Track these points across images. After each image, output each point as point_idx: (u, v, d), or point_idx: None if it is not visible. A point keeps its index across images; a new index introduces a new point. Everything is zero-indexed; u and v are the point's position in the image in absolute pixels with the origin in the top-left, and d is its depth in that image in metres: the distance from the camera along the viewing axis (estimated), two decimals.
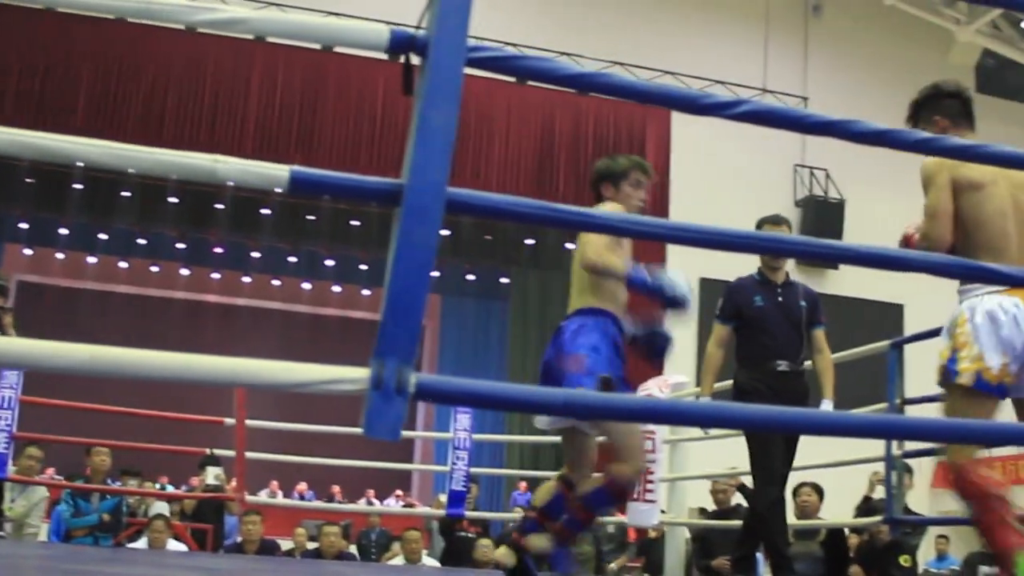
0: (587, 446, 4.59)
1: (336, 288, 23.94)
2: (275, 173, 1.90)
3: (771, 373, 5.18)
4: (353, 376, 1.80)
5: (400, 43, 1.98)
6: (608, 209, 4.26)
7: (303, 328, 24.61)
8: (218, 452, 8.78)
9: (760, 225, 5.65)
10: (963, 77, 19.96)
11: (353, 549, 11.56)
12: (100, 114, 15.14)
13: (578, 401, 2.07)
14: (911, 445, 6.09)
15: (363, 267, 21.58)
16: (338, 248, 20.85)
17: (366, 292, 23.32)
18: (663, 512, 8.01)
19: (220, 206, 18.54)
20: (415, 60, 2.02)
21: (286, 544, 10.67)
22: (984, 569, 8.08)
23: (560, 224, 2.22)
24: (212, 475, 9.29)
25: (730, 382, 7.04)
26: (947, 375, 3.65)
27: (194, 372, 1.74)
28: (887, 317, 17.09)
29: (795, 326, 5.32)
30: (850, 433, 2.34)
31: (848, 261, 3.39)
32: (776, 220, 5.73)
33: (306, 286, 24.06)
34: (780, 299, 5.47)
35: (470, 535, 9.51)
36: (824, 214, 18.08)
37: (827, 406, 5.20)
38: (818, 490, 8.04)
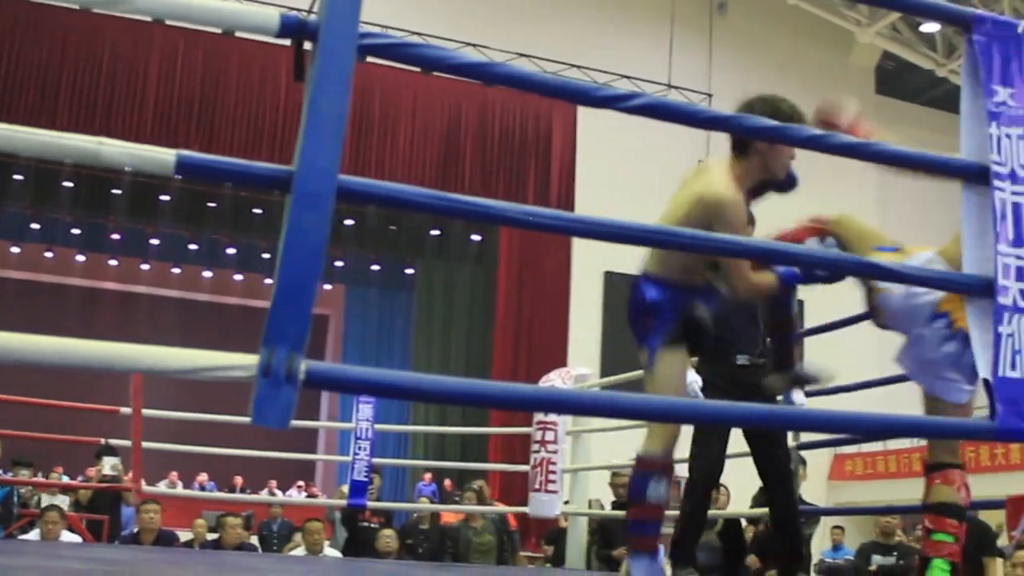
0: None
1: (238, 277, 23.70)
2: (161, 157, 1.86)
3: (729, 367, 5.16)
4: (242, 363, 1.78)
5: (291, 28, 1.96)
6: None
7: (203, 317, 24.31)
8: (115, 442, 8.63)
9: None
10: (863, 78, 20.41)
11: (254, 540, 11.45)
12: None
13: (475, 391, 2.07)
14: (806, 437, 6.18)
15: (265, 256, 21.37)
16: (240, 236, 20.65)
17: (268, 281, 23.10)
18: (566, 503, 8.05)
19: (117, 191, 18.22)
20: (308, 46, 2.01)
21: (185, 535, 10.52)
22: (877, 559, 8.24)
23: (451, 213, 2.21)
24: (108, 465, 9.11)
25: (635, 374, 7.08)
26: None
27: (79, 357, 1.70)
28: None
29: (754, 319, 5.27)
30: (737, 423, 2.37)
31: (747, 255, 3.45)
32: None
33: (207, 274, 23.78)
34: None
35: (373, 525, 9.46)
36: None
37: (798, 397, 5.18)
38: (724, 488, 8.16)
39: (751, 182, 3.94)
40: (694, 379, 4.99)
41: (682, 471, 4.95)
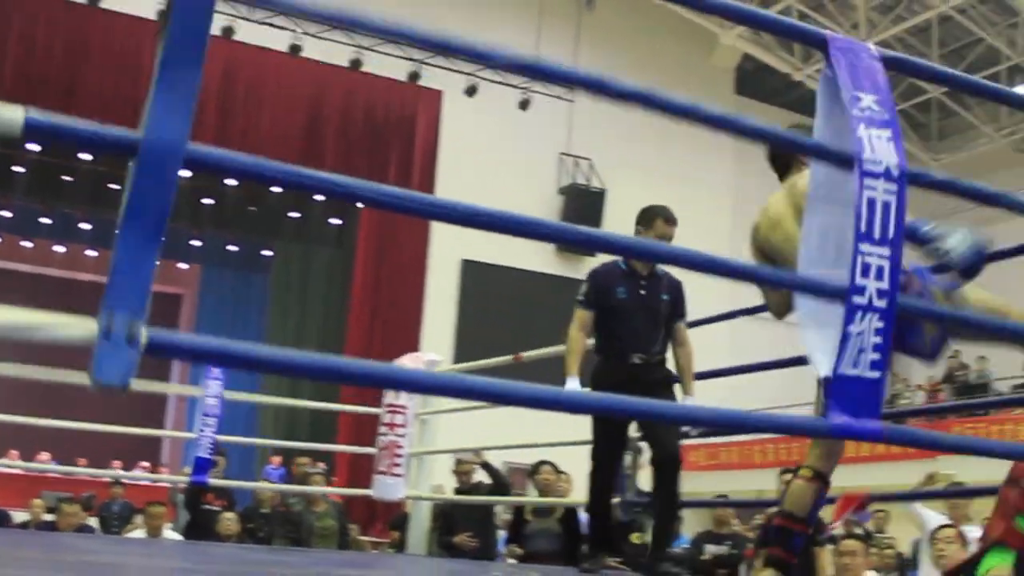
0: None
1: (91, 252, 23.09)
2: (7, 115, 1.76)
3: (624, 366, 5.23)
4: (81, 324, 1.76)
5: None
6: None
7: (54, 292, 23.56)
8: None
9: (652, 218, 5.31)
10: (723, 78, 20.90)
11: (94, 522, 11.23)
12: None
13: (299, 362, 2.08)
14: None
15: None
16: (95, 211, 20.14)
17: None
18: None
19: None
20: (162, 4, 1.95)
21: (21, 516, 10.29)
22: (710, 548, 8.47)
23: (305, 188, 2.20)
24: None
25: (488, 361, 7.22)
26: None
27: None
28: None
29: (655, 319, 5.32)
30: (565, 409, 2.44)
31: (610, 251, 3.54)
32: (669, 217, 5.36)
33: (59, 249, 23.12)
34: (643, 291, 5.27)
35: (215, 508, 9.38)
36: (585, 202, 18.57)
37: (690, 402, 5.31)
38: (557, 469, 8.27)
39: None
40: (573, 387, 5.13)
41: None
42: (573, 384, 5.16)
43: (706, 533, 8.71)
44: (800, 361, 5.21)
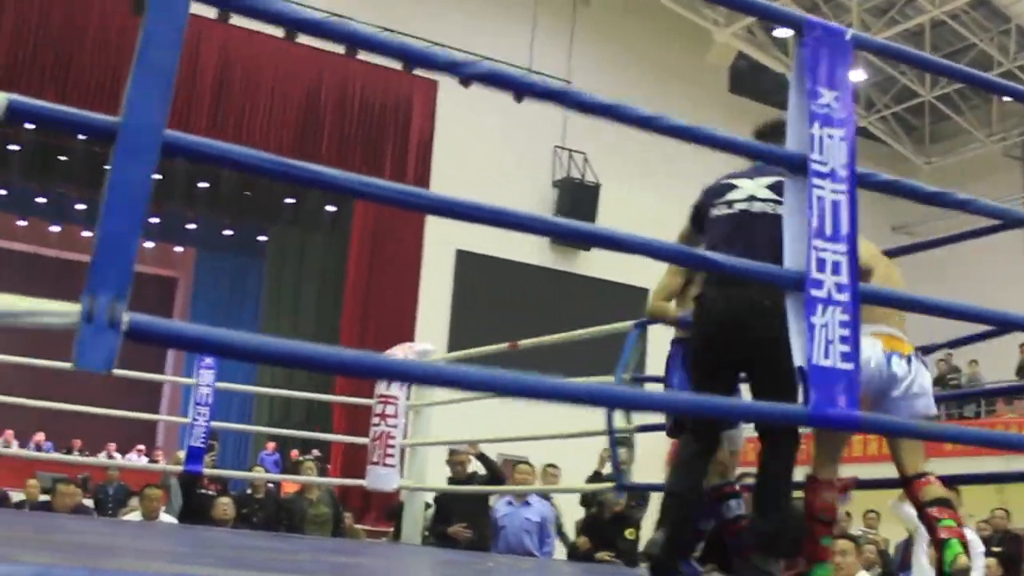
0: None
1: (87, 233, 23.07)
2: None
3: None
4: (63, 309, 1.77)
5: None
6: None
7: (50, 272, 23.56)
8: None
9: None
10: (718, 76, 20.91)
11: (89, 503, 11.28)
12: None
13: (301, 353, 2.10)
14: (639, 421, 6.37)
15: None
16: (91, 191, 20.12)
17: None
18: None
19: None
20: None
21: (17, 496, 10.31)
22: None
23: (284, 178, 2.21)
24: None
25: (481, 350, 7.19)
26: None
27: None
28: (633, 299, 17.72)
29: None
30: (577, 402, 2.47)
31: (604, 245, 3.57)
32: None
33: (54, 228, 23.12)
34: None
35: (210, 492, 9.42)
36: (580, 196, 18.58)
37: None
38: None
39: None
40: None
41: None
42: None
43: None
44: None
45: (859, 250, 2.81)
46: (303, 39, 15.83)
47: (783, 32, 19.60)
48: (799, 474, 4.19)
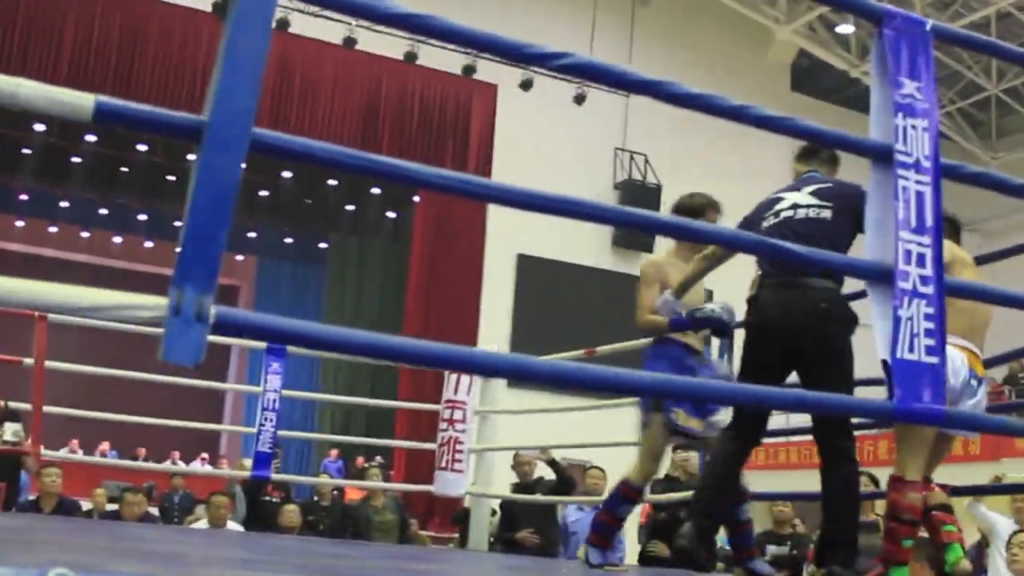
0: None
1: (148, 243, 23.32)
2: (79, 101, 1.82)
3: None
4: (151, 303, 1.77)
5: None
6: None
7: (113, 283, 23.82)
8: (14, 405, 8.44)
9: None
10: (779, 75, 20.68)
11: (155, 511, 11.31)
12: None
13: (381, 344, 2.06)
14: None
15: (178, 223, 20.98)
16: (152, 202, 20.33)
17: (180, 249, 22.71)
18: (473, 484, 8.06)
19: (27, 151, 17.82)
20: None
21: (84, 505, 10.34)
22: (771, 548, 8.34)
23: (366, 172, 2.22)
24: (10, 431, 8.91)
25: (544, 357, 7.07)
26: None
27: None
28: None
29: None
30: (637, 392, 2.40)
31: (666, 233, 3.52)
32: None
33: (117, 239, 23.36)
34: None
35: (274, 500, 9.41)
36: (641, 198, 18.44)
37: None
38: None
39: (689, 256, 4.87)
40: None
41: None
42: None
43: (765, 533, 8.58)
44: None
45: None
46: (361, 44, 15.89)
47: (845, 28, 19.39)
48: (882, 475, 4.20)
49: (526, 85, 16.76)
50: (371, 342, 2.02)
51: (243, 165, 1.90)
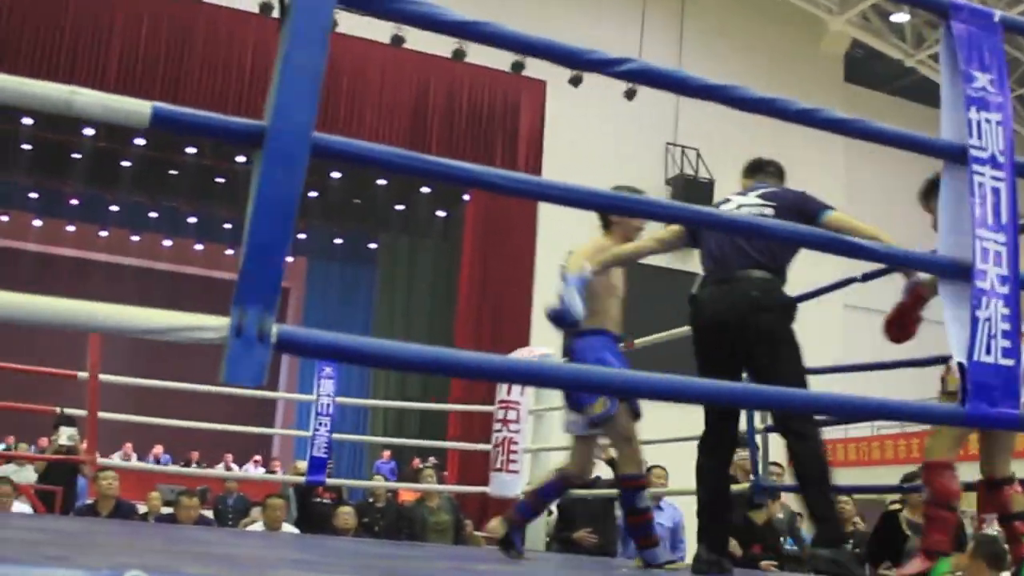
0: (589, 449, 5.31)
1: (198, 246, 23.43)
2: (136, 108, 1.80)
3: None
4: (213, 324, 1.73)
5: None
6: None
7: (162, 286, 24.01)
8: (69, 411, 8.49)
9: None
10: (832, 66, 20.43)
11: (209, 514, 11.33)
12: None
13: (444, 359, 2.00)
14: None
15: (227, 225, 21.17)
16: (201, 205, 20.43)
17: (229, 252, 22.88)
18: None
19: (77, 155, 17.94)
20: None
21: (140, 508, 10.37)
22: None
23: (428, 175, 2.17)
24: (65, 435, 8.98)
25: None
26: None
27: (47, 314, 1.63)
28: None
29: None
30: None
31: (718, 227, 3.44)
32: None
33: (166, 243, 23.49)
34: None
35: (326, 501, 9.41)
36: (693, 193, 18.27)
37: None
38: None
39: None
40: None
41: None
42: None
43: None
44: (917, 362, 5.18)
45: None
46: (409, 43, 15.85)
47: (900, 17, 19.10)
48: (968, 473, 4.14)
49: (576, 81, 16.64)
50: (439, 358, 1.95)
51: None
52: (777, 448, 5.17)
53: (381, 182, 19.14)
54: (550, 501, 5.68)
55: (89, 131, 17.06)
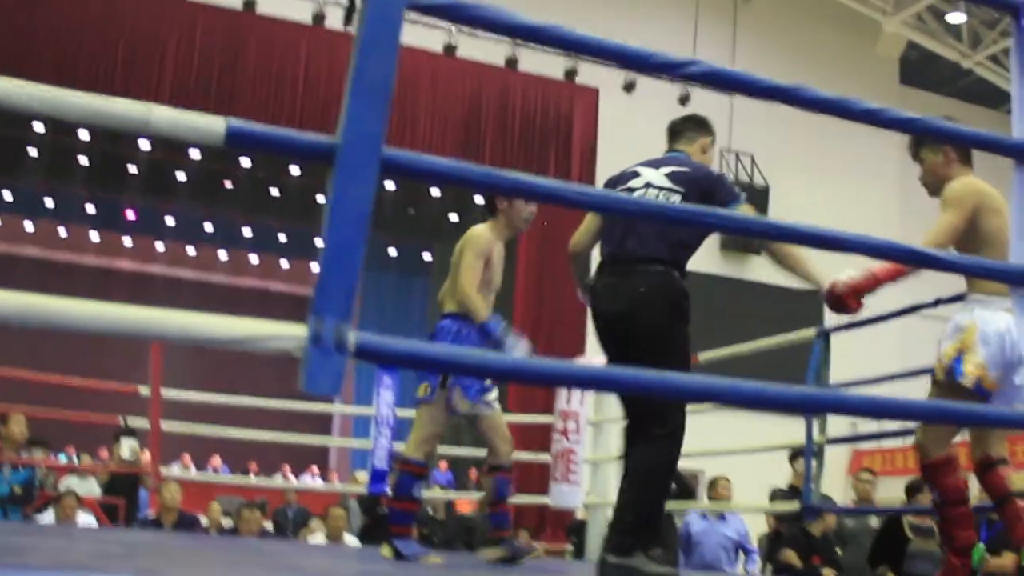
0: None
1: (254, 258, 23.56)
2: (211, 126, 1.83)
3: None
4: (291, 333, 1.75)
5: None
6: None
7: (219, 299, 24.04)
8: (130, 422, 8.56)
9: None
10: (887, 68, 20.22)
11: (269, 525, 11.38)
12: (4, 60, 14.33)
13: (523, 367, 1.98)
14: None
15: (282, 237, 21.28)
16: (256, 217, 20.54)
17: (284, 263, 22.98)
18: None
19: (133, 169, 18.11)
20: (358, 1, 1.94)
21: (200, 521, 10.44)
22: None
23: (499, 190, 2.15)
24: (127, 447, 9.05)
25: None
26: (951, 373, 3.98)
27: (119, 323, 1.63)
28: (805, 305, 17.22)
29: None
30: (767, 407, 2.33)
31: (786, 239, 3.39)
32: None
33: (222, 255, 23.64)
34: None
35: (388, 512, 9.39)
36: (749, 198, 18.05)
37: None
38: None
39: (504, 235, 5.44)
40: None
41: None
42: None
43: None
44: None
45: None
46: (462, 51, 15.85)
47: (956, 17, 18.86)
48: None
49: (629, 87, 16.57)
50: (517, 366, 1.93)
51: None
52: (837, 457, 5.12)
53: (435, 192, 19.16)
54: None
55: (145, 144, 17.22)
